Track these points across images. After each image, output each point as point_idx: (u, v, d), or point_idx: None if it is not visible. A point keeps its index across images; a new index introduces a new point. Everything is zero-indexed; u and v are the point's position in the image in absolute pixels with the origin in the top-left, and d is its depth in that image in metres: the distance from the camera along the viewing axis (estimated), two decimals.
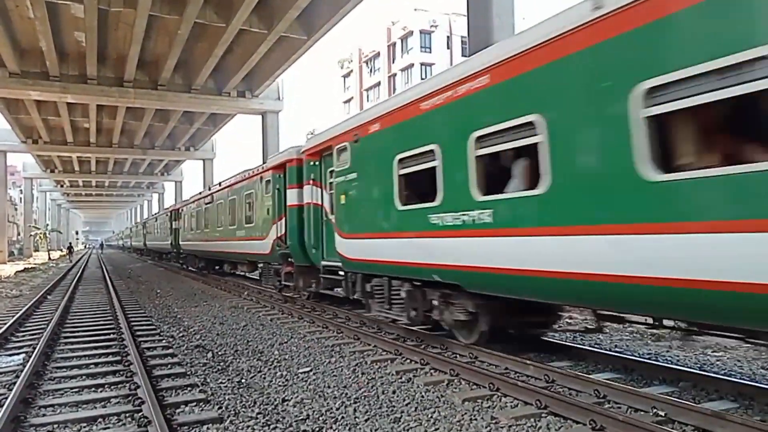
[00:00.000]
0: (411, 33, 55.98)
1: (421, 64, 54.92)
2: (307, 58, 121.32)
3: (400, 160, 7.61)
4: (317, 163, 10.78)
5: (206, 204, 21.37)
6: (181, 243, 27.43)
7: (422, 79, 51.29)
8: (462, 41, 51.89)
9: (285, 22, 20.03)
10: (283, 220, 12.41)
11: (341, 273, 9.95)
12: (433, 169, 6.89)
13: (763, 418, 4.60)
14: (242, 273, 19.10)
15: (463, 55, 50.34)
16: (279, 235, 12.64)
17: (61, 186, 74.27)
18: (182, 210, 27.66)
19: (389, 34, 59.18)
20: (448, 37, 55.46)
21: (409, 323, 8.17)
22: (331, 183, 10.01)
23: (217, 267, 22.69)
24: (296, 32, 21.78)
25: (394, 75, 58.38)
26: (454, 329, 7.41)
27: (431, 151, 6.93)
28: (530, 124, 5.41)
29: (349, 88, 67.41)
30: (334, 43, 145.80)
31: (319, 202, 10.72)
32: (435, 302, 7.41)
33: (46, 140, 41.75)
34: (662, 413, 4.67)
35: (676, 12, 4.16)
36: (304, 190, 11.33)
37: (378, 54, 61.15)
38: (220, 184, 19.57)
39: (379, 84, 60.86)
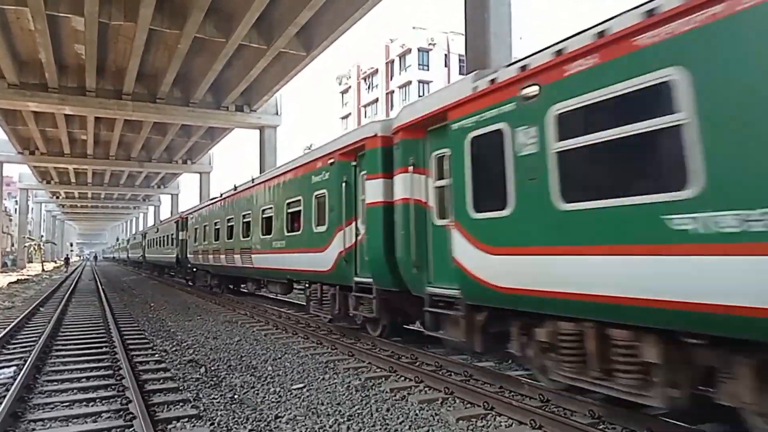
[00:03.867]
0: (409, 51, 56.46)
1: (419, 82, 55.36)
2: (306, 75, 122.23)
3: None
4: (420, 143, 7.67)
5: (225, 210, 17.73)
6: (189, 256, 23.56)
7: (420, 96, 51.83)
8: (460, 59, 52.38)
9: (284, 38, 20.21)
10: (354, 225, 9.30)
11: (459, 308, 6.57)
12: None
13: None
14: (273, 294, 16.26)
15: (460, 74, 50.82)
16: (348, 245, 9.33)
17: (57, 197, 74.17)
18: (191, 218, 23.75)
19: (387, 51, 59.69)
20: (445, 55, 55.96)
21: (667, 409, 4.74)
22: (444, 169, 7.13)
23: (232, 286, 19.80)
24: (295, 48, 21.96)
25: (392, 92, 58.77)
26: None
27: None
28: None
29: (347, 104, 67.77)
30: (332, 59, 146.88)
31: (423, 199, 7.56)
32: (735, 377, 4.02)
33: (43, 151, 41.82)
34: None
35: None
36: (395, 180, 7.96)
37: (376, 71, 61.60)
38: (252, 180, 15.45)
39: (377, 101, 61.24)
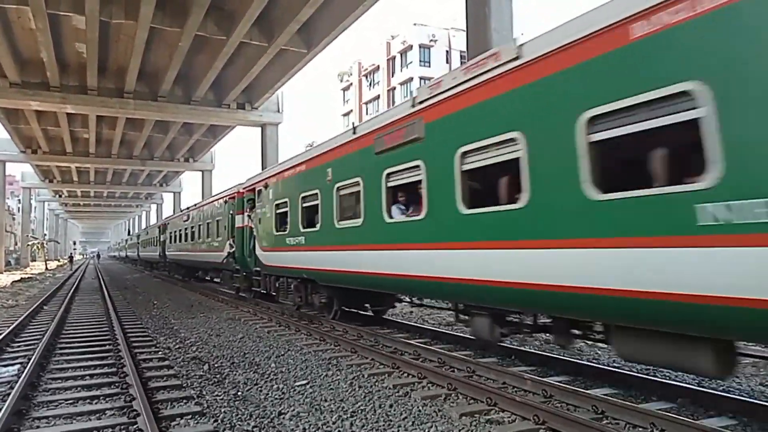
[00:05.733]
0: (410, 47, 56.34)
1: (420, 78, 55.16)
2: (307, 72, 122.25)
3: None
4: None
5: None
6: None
7: None
8: (461, 56, 52.29)
9: (285, 35, 20.15)
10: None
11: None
12: None
13: None
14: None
15: None
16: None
17: (60, 196, 74.25)
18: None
19: (389, 48, 59.56)
20: (447, 51, 55.85)
21: None
22: None
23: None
24: (296, 45, 21.90)
25: (394, 89, 58.66)
26: None
27: None
28: None
29: (348, 101, 67.68)
30: (334, 56, 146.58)
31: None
32: None
33: (46, 150, 41.79)
34: (661, 430, 4.64)
35: None
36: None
37: (377, 68, 61.48)
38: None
39: (378, 97, 61.15)
